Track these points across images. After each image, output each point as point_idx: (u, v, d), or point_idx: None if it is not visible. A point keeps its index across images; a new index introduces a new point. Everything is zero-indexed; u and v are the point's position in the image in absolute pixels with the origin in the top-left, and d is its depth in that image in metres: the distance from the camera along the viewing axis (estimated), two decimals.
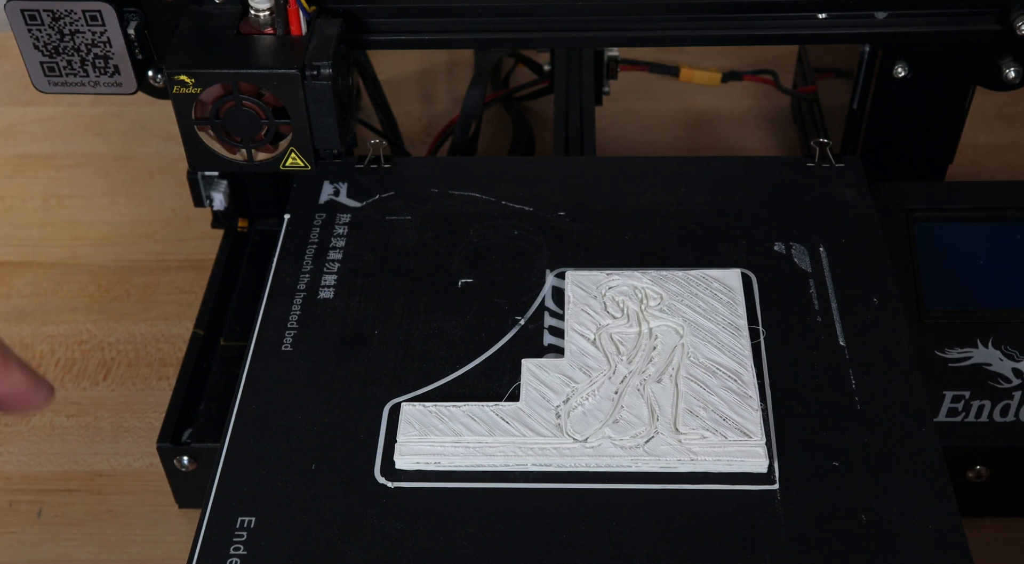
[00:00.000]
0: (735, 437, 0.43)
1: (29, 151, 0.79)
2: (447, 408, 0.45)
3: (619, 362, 0.46)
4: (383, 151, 0.57)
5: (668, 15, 0.56)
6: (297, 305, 0.50)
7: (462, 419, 0.44)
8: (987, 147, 0.76)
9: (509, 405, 0.45)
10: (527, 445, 0.44)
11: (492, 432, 0.44)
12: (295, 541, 0.41)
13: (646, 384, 0.45)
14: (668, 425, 0.44)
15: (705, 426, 0.44)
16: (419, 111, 0.82)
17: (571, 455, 0.43)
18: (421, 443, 0.44)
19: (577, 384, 0.46)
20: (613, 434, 0.44)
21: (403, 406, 0.45)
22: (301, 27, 0.52)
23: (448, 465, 0.43)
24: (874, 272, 0.51)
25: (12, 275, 0.70)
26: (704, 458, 0.43)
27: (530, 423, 0.44)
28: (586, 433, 0.44)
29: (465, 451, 0.44)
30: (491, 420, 0.44)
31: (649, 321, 0.48)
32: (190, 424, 0.55)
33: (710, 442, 0.43)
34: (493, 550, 0.41)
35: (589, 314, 0.48)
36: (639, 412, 0.44)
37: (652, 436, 0.44)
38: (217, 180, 0.63)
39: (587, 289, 0.49)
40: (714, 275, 0.50)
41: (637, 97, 0.82)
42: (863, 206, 0.54)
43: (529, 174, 0.56)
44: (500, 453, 0.43)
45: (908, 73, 0.58)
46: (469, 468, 0.43)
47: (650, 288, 0.49)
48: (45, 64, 0.55)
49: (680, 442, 0.43)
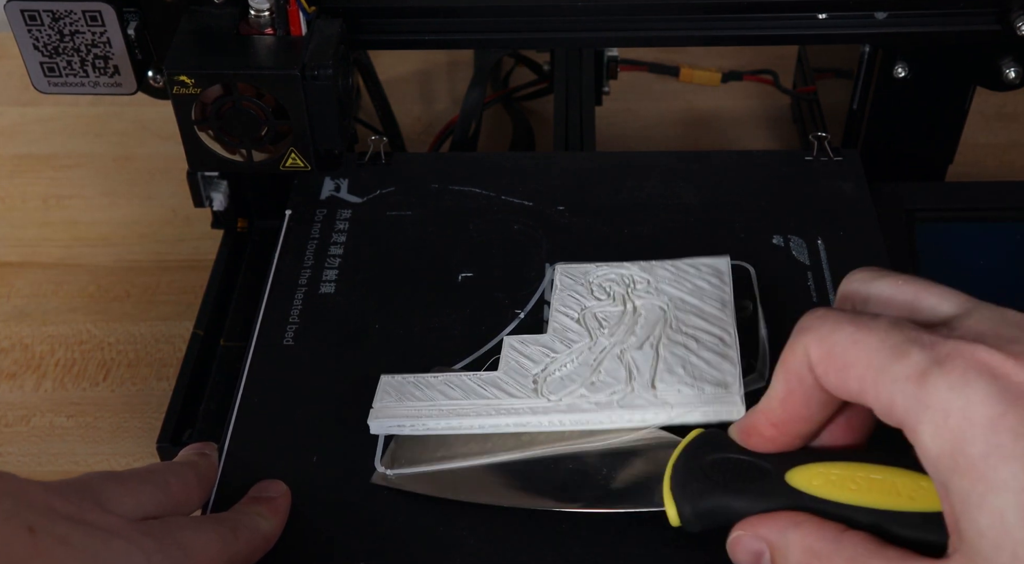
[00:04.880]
0: (711, 390, 0.43)
1: (29, 151, 0.79)
2: (424, 378, 0.45)
3: (601, 335, 0.46)
4: (383, 147, 0.57)
5: (668, 15, 0.56)
6: (299, 300, 0.50)
7: (438, 387, 0.45)
8: (987, 147, 0.76)
9: (487, 374, 0.45)
10: (501, 406, 0.43)
11: (467, 397, 0.44)
12: (297, 533, 0.41)
13: (626, 352, 0.45)
14: (646, 384, 0.43)
15: (682, 381, 0.43)
16: (419, 111, 0.82)
17: (544, 413, 0.43)
18: (396, 408, 0.44)
19: (556, 354, 0.45)
20: (588, 393, 0.43)
21: (382, 377, 0.45)
22: (301, 27, 0.52)
23: (422, 428, 0.43)
24: (872, 265, 0.51)
25: (12, 275, 0.70)
26: (680, 407, 0.42)
27: (506, 388, 0.44)
28: (561, 394, 0.44)
29: (439, 414, 0.43)
30: (467, 387, 0.44)
31: (634, 300, 0.48)
32: (190, 424, 0.55)
33: (685, 394, 0.43)
34: (493, 540, 0.41)
35: (575, 298, 0.48)
36: (617, 375, 0.44)
37: (627, 394, 0.43)
38: (217, 180, 0.63)
39: (575, 278, 0.49)
40: (704, 261, 0.49)
41: (637, 97, 0.82)
42: (861, 200, 0.54)
43: (529, 169, 0.56)
44: (473, 413, 0.43)
45: (908, 73, 0.58)
46: (443, 431, 0.43)
47: (638, 274, 0.49)
48: (45, 64, 0.55)
49: (655, 396, 0.43)
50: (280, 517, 0.41)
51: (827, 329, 0.33)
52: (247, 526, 0.40)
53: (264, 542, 0.40)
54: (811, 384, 0.34)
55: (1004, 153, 0.76)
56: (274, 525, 0.41)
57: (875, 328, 0.33)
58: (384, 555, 0.41)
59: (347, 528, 0.42)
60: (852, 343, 0.33)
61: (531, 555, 0.40)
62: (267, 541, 0.40)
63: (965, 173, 0.71)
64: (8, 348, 0.66)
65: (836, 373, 0.33)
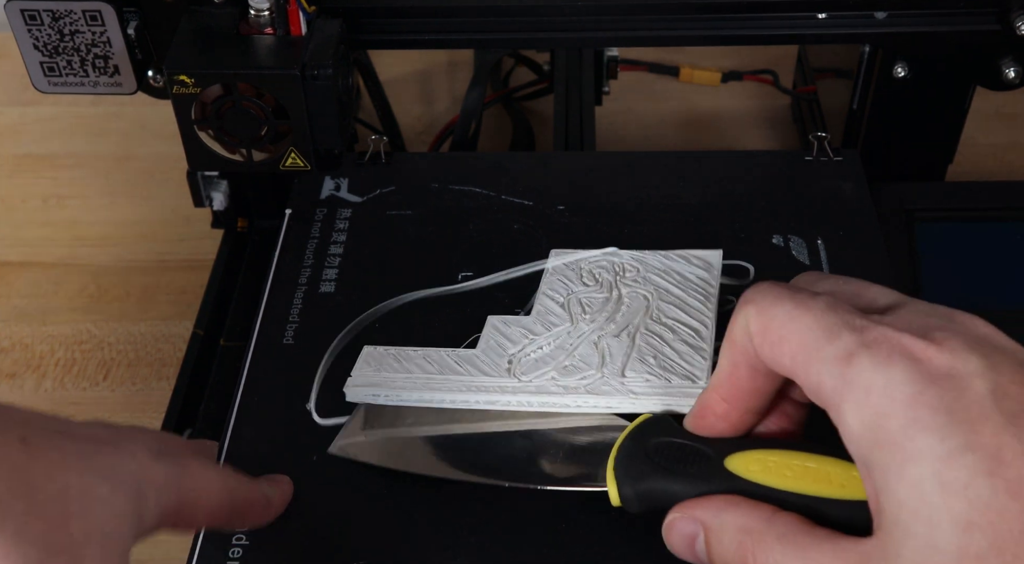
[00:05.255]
0: (678, 381, 0.43)
1: (29, 151, 0.79)
2: (405, 351, 0.46)
3: (582, 321, 0.46)
4: (383, 147, 0.57)
5: (668, 15, 0.56)
6: (298, 299, 0.50)
7: (417, 360, 0.45)
8: (987, 147, 0.76)
9: (465, 351, 0.45)
10: (473, 383, 0.44)
11: (443, 372, 0.44)
12: (298, 534, 0.41)
13: (603, 339, 0.45)
14: (615, 371, 0.44)
15: (651, 372, 0.44)
16: (419, 111, 0.82)
17: (513, 392, 0.43)
18: (373, 377, 0.44)
19: (536, 337, 0.46)
20: (558, 376, 0.44)
21: (365, 347, 0.46)
22: (301, 27, 0.52)
23: (395, 399, 0.44)
24: (871, 265, 0.51)
25: (12, 275, 0.70)
26: (644, 397, 0.43)
27: (481, 367, 0.45)
28: (532, 376, 0.44)
29: (412, 386, 0.44)
30: (444, 362, 0.45)
31: (620, 288, 0.48)
32: (190, 424, 0.55)
33: (652, 384, 0.43)
34: (493, 541, 0.41)
35: (563, 283, 0.49)
36: (589, 360, 0.45)
37: (596, 380, 0.44)
38: (217, 180, 0.63)
39: (567, 263, 0.50)
40: (696, 254, 0.50)
41: (637, 97, 0.82)
42: (861, 199, 0.54)
43: (529, 168, 0.57)
44: (446, 388, 0.44)
45: (908, 73, 0.58)
46: (415, 403, 0.44)
47: (628, 263, 0.49)
48: (45, 64, 0.55)
49: (623, 384, 0.43)
50: (283, 490, 0.42)
51: (767, 302, 0.34)
52: (249, 480, 0.40)
53: (264, 503, 0.40)
54: (753, 355, 0.35)
55: (1004, 153, 0.76)
56: (276, 494, 0.41)
57: (812, 307, 0.34)
58: (384, 554, 0.41)
59: (346, 527, 0.42)
60: (789, 319, 0.34)
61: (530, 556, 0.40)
62: (268, 504, 0.41)
63: (965, 173, 0.71)
64: (8, 348, 0.66)
65: (771, 347, 0.34)
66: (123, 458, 0.34)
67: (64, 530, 0.31)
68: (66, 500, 0.31)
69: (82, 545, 0.31)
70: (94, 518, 0.32)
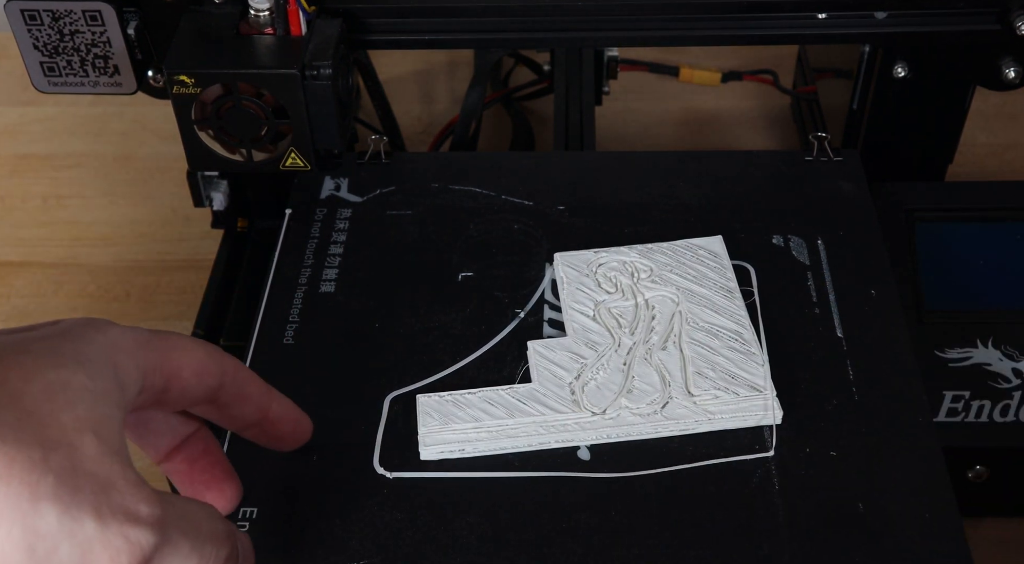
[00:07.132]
0: (746, 393, 0.44)
1: (29, 151, 0.79)
2: (463, 396, 0.45)
3: (622, 335, 0.47)
4: (383, 147, 0.57)
5: (668, 15, 0.56)
6: (298, 299, 0.50)
7: (479, 405, 0.44)
8: (987, 147, 0.77)
9: (523, 387, 0.45)
10: (548, 423, 0.44)
11: (512, 414, 0.44)
12: (296, 532, 0.41)
13: (652, 352, 0.46)
14: (681, 389, 0.45)
15: (716, 386, 0.44)
16: (419, 111, 0.82)
17: (592, 428, 0.44)
18: (443, 432, 0.44)
19: (585, 360, 0.46)
20: (629, 403, 0.44)
21: (418, 398, 0.45)
22: (301, 27, 0.52)
23: (473, 451, 0.44)
24: (872, 265, 0.51)
25: (12, 275, 0.70)
26: (720, 416, 0.44)
27: (547, 402, 0.44)
28: (603, 405, 0.44)
29: (488, 435, 0.44)
30: (508, 403, 0.44)
31: (643, 293, 0.48)
32: None
33: (724, 400, 0.44)
34: (493, 540, 0.41)
35: (584, 292, 0.49)
36: (651, 380, 0.45)
37: (667, 401, 0.44)
38: (217, 180, 0.63)
39: (578, 269, 0.50)
40: (698, 243, 0.50)
41: (637, 97, 0.82)
42: (861, 199, 0.54)
43: (529, 168, 0.57)
44: (523, 433, 0.44)
45: (908, 73, 0.58)
46: (495, 452, 0.44)
47: (639, 261, 0.49)
48: (45, 64, 0.55)
49: (695, 403, 0.44)
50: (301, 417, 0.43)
51: None
52: (245, 367, 0.40)
53: (257, 407, 0.40)
54: None
55: (1004, 153, 0.76)
56: (295, 410, 0.42)
57: None
58: (384, 554, 0.41)
59: (347, 527, 0.42)
60: None
61: (531, 555, 0.40)
62: (260, 408, 0.40)
63: (965, 173, 0.71)
64: None
65: None
66: (89, 338, 0.34)
67: (57, 425, 0.31)
68: (50, 396, 0.32)
69: (79, 433, 0.32)
70: (82, 405, 0.32)
